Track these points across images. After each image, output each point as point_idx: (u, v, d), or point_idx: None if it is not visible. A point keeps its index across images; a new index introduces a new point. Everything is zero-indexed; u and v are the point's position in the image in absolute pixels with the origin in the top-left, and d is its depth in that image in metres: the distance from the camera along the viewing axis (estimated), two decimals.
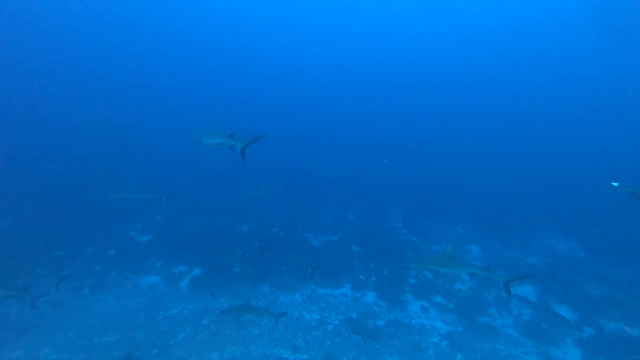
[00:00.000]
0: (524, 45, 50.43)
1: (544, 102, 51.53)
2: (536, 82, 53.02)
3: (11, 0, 38.63)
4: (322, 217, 19.58)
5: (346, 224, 18.97)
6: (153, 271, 12.68)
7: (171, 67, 56.36)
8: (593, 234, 17.06)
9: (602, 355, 8.79)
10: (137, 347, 8.58)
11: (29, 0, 39.49)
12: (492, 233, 17.78)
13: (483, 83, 57.34)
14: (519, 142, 38.05)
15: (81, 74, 47.43)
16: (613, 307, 11.36)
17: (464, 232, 18.39)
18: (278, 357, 9.15)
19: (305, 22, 60.01)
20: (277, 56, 62.24)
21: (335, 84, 59.58)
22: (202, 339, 9.48)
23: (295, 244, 15.98)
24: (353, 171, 26.68)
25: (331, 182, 24.01)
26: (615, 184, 5.86)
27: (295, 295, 12.61)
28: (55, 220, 14.09)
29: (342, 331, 10.65)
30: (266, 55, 62.40)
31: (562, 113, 49.39)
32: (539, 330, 10.34)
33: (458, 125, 46.54)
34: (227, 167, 23.91)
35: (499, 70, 55.89)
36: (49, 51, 46.40)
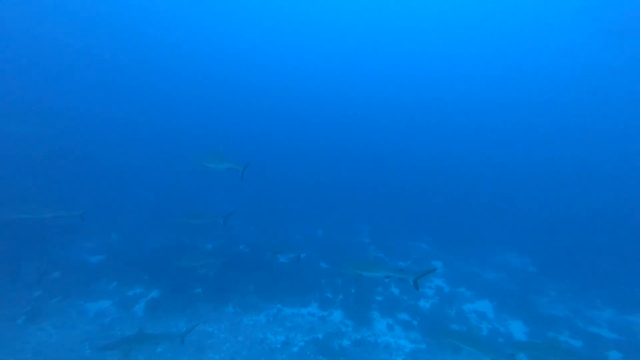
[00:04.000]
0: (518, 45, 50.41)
1: (529, 109, 53.79)
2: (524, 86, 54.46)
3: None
4: (290, 233, 19.34)
5: (315, 240, 18.88)
6: (104, 295, 11.67)
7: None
8: (543, 250, 18.33)
9: None
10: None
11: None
12: (453, 248, 18.52)
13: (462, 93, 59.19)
14: (481, 159, 40.38)
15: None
16: (558, 321, 12.22)
17: (429, 248, 18.98)
18: None
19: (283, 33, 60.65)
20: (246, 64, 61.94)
21: (301, 99, 60.11)
22: None
23: (262, 261, 15.57)
24: (323, 186, 26.83)
25: (301, 197, 23.93)
26: None
27: (260, 315, 12.20)
28: None
29: (307, 353, 10.41)
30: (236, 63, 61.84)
31: (546, 119, 51.60)
32: (497, 345, 10.76)
33: (423, 141, 48.59)
34: (192, 181, 22.99)
35: (491, 76, 57.81)
36: None
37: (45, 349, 8.88)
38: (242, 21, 57.44)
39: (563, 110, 53.28)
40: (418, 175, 32.22)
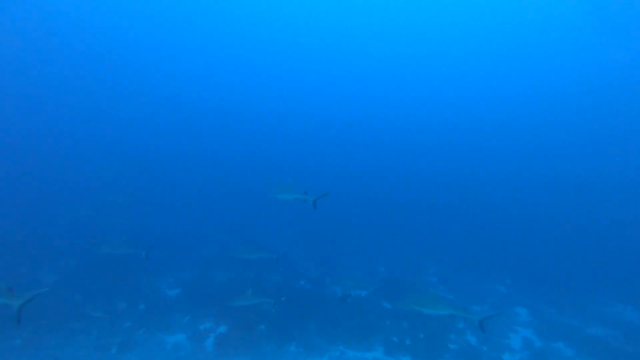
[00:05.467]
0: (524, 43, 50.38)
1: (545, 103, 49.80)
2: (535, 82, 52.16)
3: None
4: (350, 269, 18.78)
5: (376, 277, 18.03)
6: (179, 328, 12.43)
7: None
8: None
9: None
10: None
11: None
12: (541, 294, 15.96)
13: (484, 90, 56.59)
14: (570, 185, 35.03)
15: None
16: None
17: (508, 292, 16.71)
18: None
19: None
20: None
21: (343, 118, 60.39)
22: None
23: (323, 298, 15.27)
24: (384, 219, 25.85)
25: (361, 231, 23.33)
26: None
27: (323, 358, 11.76)
28: (92, 275, 14.54)
29: None
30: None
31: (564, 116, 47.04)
32: None
33: (498, 166, 44.30)
34: (255, 216, 24.14)
35: (500, 70, 55.56)
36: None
37: None
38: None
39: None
40: (494, 206, 29.01)
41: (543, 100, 53.05)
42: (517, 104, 55.69)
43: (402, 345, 12.73)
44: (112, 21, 53.29)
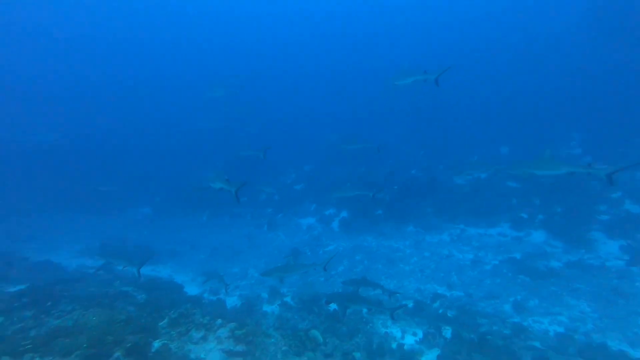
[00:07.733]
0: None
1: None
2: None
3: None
4: (467, 155, 17.30)
5: (499, 159, 16.26)
6: (309, 214, 14.75)
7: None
8: None
9: None
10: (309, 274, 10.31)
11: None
12: None
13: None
14: None
15: None
16: None
17: None
18: (432, 292, 9.19)
19: None
20: None
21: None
22: (358, 271, 10.52)
23: (437, 184, 14.93)
24: (509, 92, 21.36)
25: (478, 111, 20.32)
26: None
27: (443, 235, 12.14)
28: (235, 172, 17.89)
29: (504, 271, 9.68)
30: None
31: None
32: None
33: None
34: (360, 113, 23.80)
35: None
36: None
37: (281, 249, 12.34)
38: None
39: None
40: None
41: None
42: None
43: (533, 220, 11.82)
44: None
